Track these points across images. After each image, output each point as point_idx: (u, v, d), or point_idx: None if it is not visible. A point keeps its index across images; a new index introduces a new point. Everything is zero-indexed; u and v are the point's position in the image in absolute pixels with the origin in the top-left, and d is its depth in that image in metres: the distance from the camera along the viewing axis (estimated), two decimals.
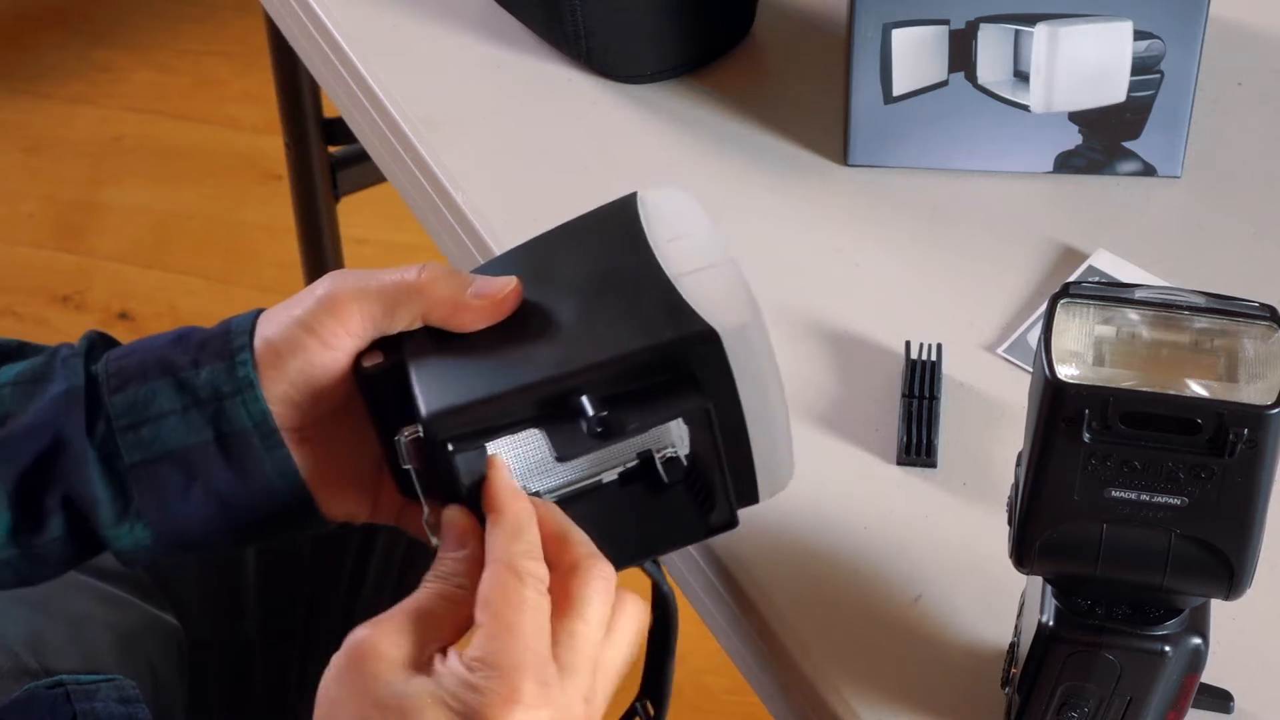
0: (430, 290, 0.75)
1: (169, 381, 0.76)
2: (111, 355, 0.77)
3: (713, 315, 0.72)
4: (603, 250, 0.77)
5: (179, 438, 0.76)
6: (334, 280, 0.76)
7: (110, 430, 0.76)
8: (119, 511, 0.77)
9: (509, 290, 0.75)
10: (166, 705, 1.01)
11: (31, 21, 2.53)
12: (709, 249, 0.76)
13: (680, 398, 0.72)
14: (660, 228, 0.76)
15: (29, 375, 0.78)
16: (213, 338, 0.77)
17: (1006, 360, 0.93)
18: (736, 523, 0.76)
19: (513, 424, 0.72)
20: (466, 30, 1.13)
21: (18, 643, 0.98)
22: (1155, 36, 0.97)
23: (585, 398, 0.72)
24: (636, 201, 0.78)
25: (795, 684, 0.82)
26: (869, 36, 0.99)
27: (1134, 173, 1.02)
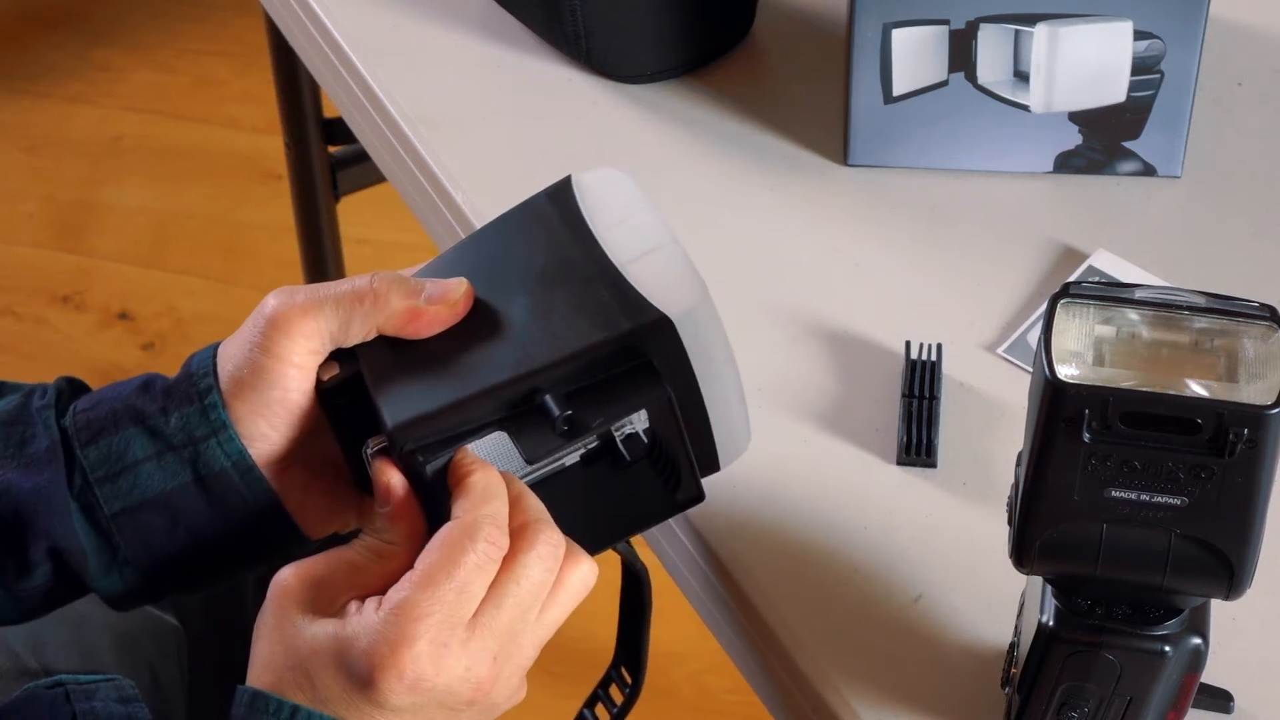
0: (384, 301, 0.75)
1: (140, 429, 0.76)
2: (78, 407, 0.77)
3: (664, 301, 0.73)
4: (547, 242, 0.77)
5: (157, 483, 0.76)
6: (281, 297, 0.76)
7: (88, 483, 0.76)
8: (106, 561, 0.78)
9: (461, 293, 0.75)
10: (166, 705, 1.01)
11: (31, 21, 2.53)
12: (651, 232, 0.76)
13: (641, 388, 0.73)
14: (601, 213, 0.77)
15: (5, 417, 0.78)
16: (177, 384, 0.77)
17: (1006, 360, 0.93)
18: (703, 496, 0.77)
19: (478, 428, 0.73)
20: (466, 30, 1.13)
21: (18, 643, 0.98)
22: (1155, 36, 0.97)
23: (548, 397, 0.72)
24: (572, 187, 0.78)
25: (795, 684, 0.82)
26: (869, 36, 0.99)
27: (1134, 173, 1.02)
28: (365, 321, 0.75)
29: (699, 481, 0.77)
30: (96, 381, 0.83)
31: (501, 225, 0.79)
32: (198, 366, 0.77)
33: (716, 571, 0.86)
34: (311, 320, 0.75)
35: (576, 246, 0.76)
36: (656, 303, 0.73)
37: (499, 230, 0.79)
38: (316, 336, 0.75)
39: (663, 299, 0.73)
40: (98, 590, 0.79)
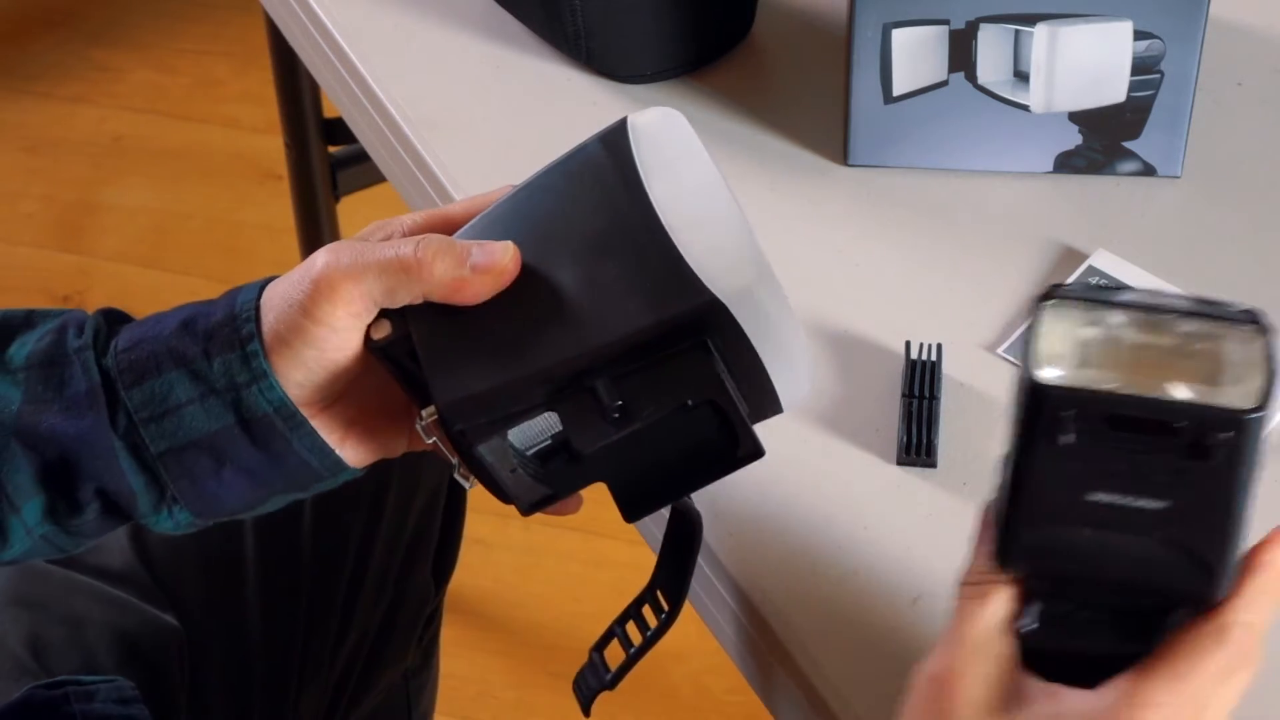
0: (429, 270, 0.73)
1: (183, 372, 0.76)
2: (119, 348, 0.77)
3: (718, 279, 0.71)
4: (599, 199, 0.75)
5: (202, 425, 0.76)
6: (329, 258, 0.75)
7: (132, 423, 0.76)
8: (155, 500, 0.77)
9: (508, 260, 0.74)
10: (166, 705, 1.01)
11: (31, 21, 2.53)
12: (708, 192, 0.74)
13: (695, 373, 0.72)
14: (656, 166, 0.74)
15: (42, 358, 0.78)
16: (219, 325, 0.76)
17: (1006, 360, 0.93)
18: (763, 451, 0.75)
19: (527, 410, 0.72)
20: (466, 30, 1.13)
21: (18, 643, 0.98)
22: (1155, 36, 0.97)
23: (599, 383, 0.71)
24: (628, 133, 0.75)
25: (795, 684, 0.82)
26: (869, 36, 0.99)
27: (1134, 173, 1.02)
28: (410, 290, 0.74)
29: (756, 438, 0.75)
30: None
31: (553, 176, 0.77)
32: (241, 308, 0.76)
33: (716, 571, 0.86)
34: (355, 285, 0.74)
35: (629, 208, 0.74)
36: (710, 280, 0.71)
37: (550, 181, 0.77)
38: (359, 301, 0.74)
39: (717, 277, 0.71)
40: (149, 526, 0.79)
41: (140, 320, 0.79)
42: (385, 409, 0.79)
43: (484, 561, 1.80)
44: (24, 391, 0.77)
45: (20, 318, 0.80)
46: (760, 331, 0.73)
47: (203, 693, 1.04)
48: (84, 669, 0.97)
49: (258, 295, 0.77)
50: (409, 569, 1.17)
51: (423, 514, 1.17)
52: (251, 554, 1.07)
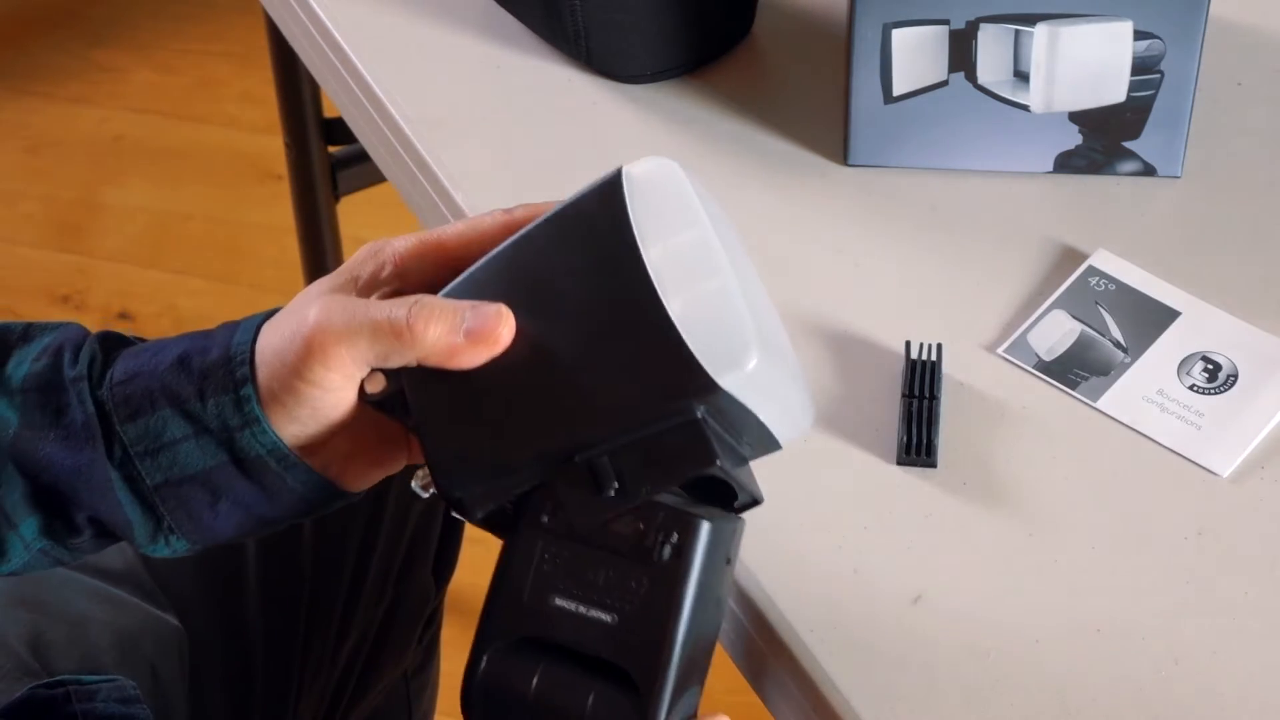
0: (421, 337, 0.72)
1: (176, 411, 0.75)
2: (115, 380, 0.76)
3: (720, 363, 0.68)
4: (592, 261, 0.72)
5: (197, 461, 0.75)
6: (321, 316, 0.73)
7: (128, 455, 0.76)
8: (152, 530, 0.77)
9: (501, 329, 0.72)
10: (166, 705, 1.01)
11: (31, 21, 2.53)
12: (707, 250, 0.71)
13: (692, 452, 0.69)
14: (651, 228, 0.71)
15: (38, 381, 0.77)
16: (213, 366, 0.75)
17: (1006, 360, 0.93)
18: (761, 500, 0.74)
19: (523, 482, 0.71)
20: (466, 30, 1.13)
21: (18, 643, 0.98)
22: (1155, 36, 0.97)
23: (597, 461, 0.69)
24: (623, 189, 0.72)
25: (795, 684, 0.82)
26: (869, 36, 0.99)
27: (1134, 173, 1.02)
28: (402, 355, 0.73)
29: (755, 490, 0.74)
30: None
31: (548, 230, 0.74)
32: (235, 350, 0.75)
33: None
34: (347, 349, 0.73)
35: (625, 278, 0.70)
36: (713, 366, 0.68)
37: (545, 237, 0.74)
38: (351, 365, 0.73)
39: (719, 361, 0.68)
40: (145, 553, 0.78)
41: (137, 350, 0.78)
42: (382, 438, 0.78)
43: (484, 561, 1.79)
44: (20, 415, 0.77)
45: (18, 332, 0.80)
46: (763, 399, 0.71)
47: (203, 693, 1.04)
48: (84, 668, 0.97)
49: (253, 338, 0.76)
50: (409, 569, 1.17)
51: (423, 514, 1.17)
52: (252, 554, 1.07)
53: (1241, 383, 0.91)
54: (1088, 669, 0.80)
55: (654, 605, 0.68)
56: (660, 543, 0.68)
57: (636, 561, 0.68)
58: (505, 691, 0.69)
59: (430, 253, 0.77)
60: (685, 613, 0.68)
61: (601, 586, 0.68)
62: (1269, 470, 0.88)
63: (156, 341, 0.78)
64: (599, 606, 0.68)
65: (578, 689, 0.68)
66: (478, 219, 0.78)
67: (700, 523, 0.69)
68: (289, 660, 1.08)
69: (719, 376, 0.68)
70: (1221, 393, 0.91)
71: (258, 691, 1.07)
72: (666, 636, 0.67)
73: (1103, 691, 0.80)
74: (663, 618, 0.67)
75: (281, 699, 1.08)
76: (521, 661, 0.69)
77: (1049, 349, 0.93)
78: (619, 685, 0.68)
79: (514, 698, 0.69)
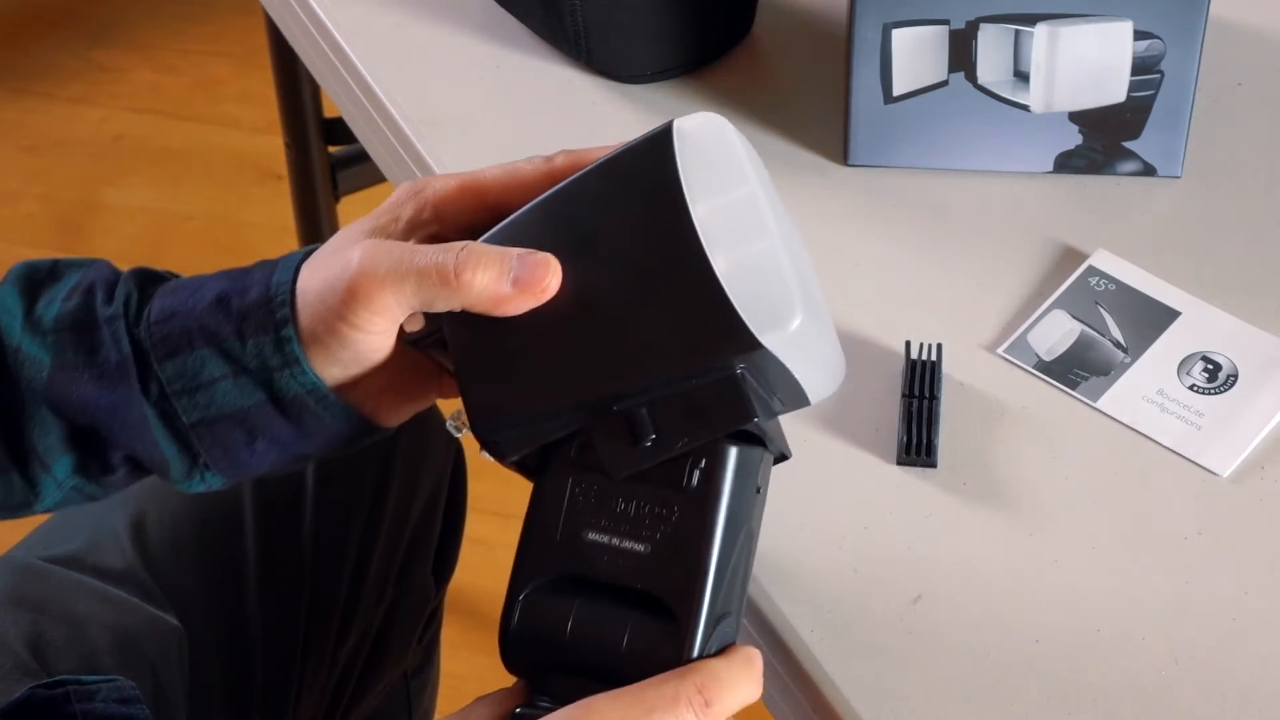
0: (469, 285, 0.72)
1: (214, 350, 0.76)
2: (153, 319, 0.77)
3: (765, 323, 0.69)
4: (639, 215, 0.72)
5: (234, 401, 0.76)
6: (366, 260, 0.73)
7: (165, 393, 0.76)
8: (188, 467, 0.78)
9: (549, 278, 0.72)
10: (166, 706, 1.01)
11: (31, 21, 2.53)
12: (755, 208, 0.71)
13: (730, 408, 0.69)
14: (700, 184, 0.71)
15: (71, 321, 0.78)
16: (253, 306, 0.76)
17: (1006, 360, 0.93)
18: (790, 454, 0.75)
19: (559, 429, 0.71)
20: (466, 30, 1.13)
21: (18, 643, 0.98)
22: (1155, 36, 0.97)
23: (635, 412, 0.69)
24: (673, 143, 0.72)
25: (795, 684, 0.82)
26: (869, 36, 0.99)
27: (1134, 173, 1.02)
28: (448, 301, 0.72)
29: (784, 444, 0.75)
30: None
31: (595, 181, 0.74)
32: (276, 290, 0.76)
33: None
34: (393, 294, 0.73)
35: (672, 232, 0.70)
36: (757, 326, 0.69)
37: (592, 188, 0.74)
38: (396, 309, 0.73)
39: (764, 321, 0.69)
40: (179, 488, 0.79)
41: (174, 286, 0.78)
42: (416, 374, 0.78)
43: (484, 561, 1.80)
44: (53, 355, 0.77)
45: (45, 269, 0.80)
46: (801, 358, 0.71)
47: (203, 693, 1.04)
48: (84, 669, 0.97)
49: (293, 278, 0.76)
50: (409, 569, 1.17)
51: (423, 514, 1.17)
52: (252, 554, 1.07)
53: (1241, 383, 0.91)
54: (1088, 669, 0.80)
55: (686, 531, 0.68)
56: (689, 469, 0.69)
57: (666, 490, 0.68)
58: (542, 634, 0.69)
59: (470, 196, 0.77)
60: (717, 536, 0.68)
61: (633, 517, 0.69)
62: (1269, 470, 0.88)
63: (193, 279, 0.79)
64: (631, 537, 0.68)
65: (614, 623, 0.68)
66: (518, 165, 0.78)
67: (728, 447, 0.69)
68: (289, 660, 1.08)
69: (762, 335, 0.69)
70: (1221, 393, 0.91)
71: (258, 691, 1.07)
72: (700, 561, 0.68)
73: (1103, 691, 0.80)
74: (695, 543, 0.68)
75: (281, 699, 1.08)
76: (556, 602, 0.69)
77: (1049, 349, 0.93)
78: (655, 616, 0.68)
79: (551, 639, 0.69)
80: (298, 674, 1.09)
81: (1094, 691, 0.80)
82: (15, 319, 0.78)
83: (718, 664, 0.69)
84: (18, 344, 0.78)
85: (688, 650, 0.68)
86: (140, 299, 0.78)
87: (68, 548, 1.04)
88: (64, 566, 1.03)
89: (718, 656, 0.69)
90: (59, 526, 1.08)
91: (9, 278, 0.80)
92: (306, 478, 1.09)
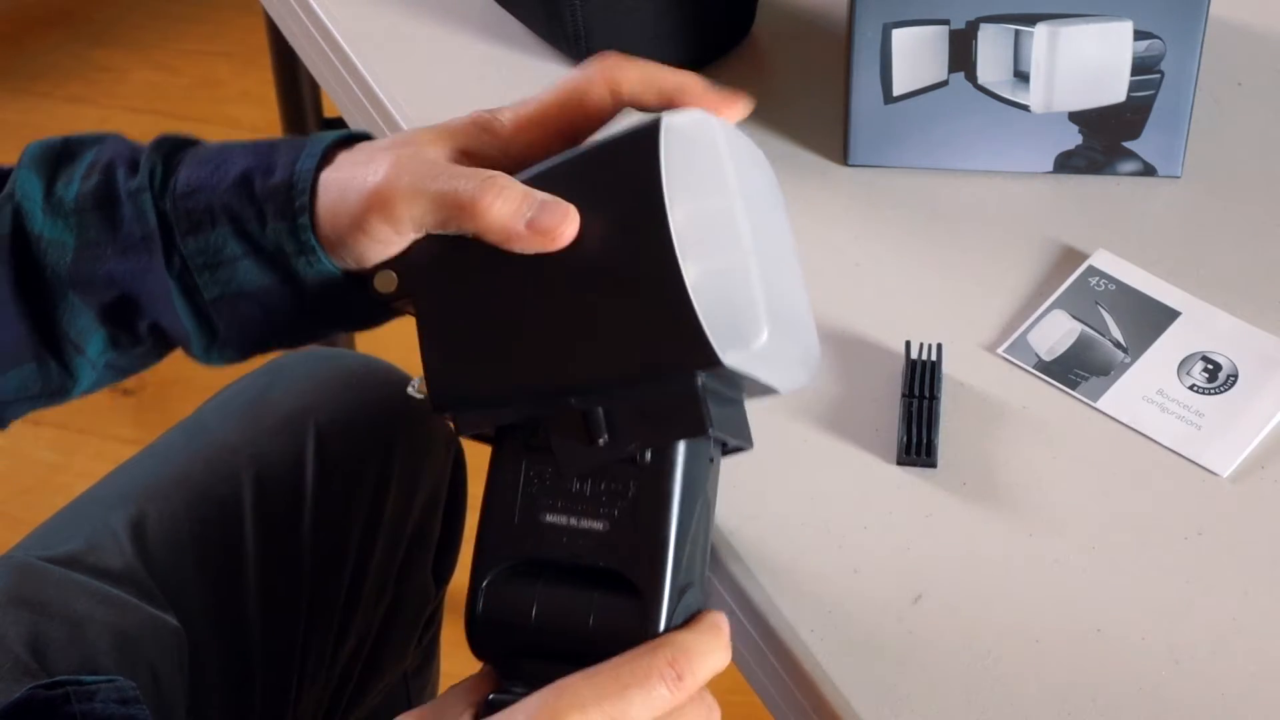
0: (485, 212, 0.72)
1: (234, 230, 0.77)
2: (177, 193, 0.78)
3: (728, 340, 0.68)
4: (616, 210, 0.71)
5: (253, 280, 0.77)
6: (391, 172, 0.74)
7: (187, 268, 0.78)
8: (207, 342, 0.80)
9: (565, 228, 0.71)
10: (166, 706, 1.01)
11: (31, 21, 2.53)
12: (735, 214, 0.70)
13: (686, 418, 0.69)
14: (683, 186, 0.70)
15: (93, 200, 0.79)
16: (274, 192, 0.76)
17: (1006, 360, 0.93)
18: (751, 446, 0.75)
19: (514, 416, 0.71)
20: (466, 30, 1.13)
21: (18, 643, 0.98)
22: (1155, 36, 0.97)
23: (591, 410, 0.69)
24: (659, 143, 0.70)
25: (795, 684, 0.82)
26: (869, 36, 0.99)
27: (1134, 173, 1.02)
28: (462, 226, 0.73)
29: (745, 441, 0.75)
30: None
31: (578, 167, 0.73)
32: (299, 177, 0.76)
33: (716, 571, 0.86)
34: (407, 209, 0.73)
35: (646, 234, 0.69)
36: (721, 343, 0.68)
37: (575, 173, 0.73)
38: (410, 224, 0.74)
39: (728, 338, 0.68)
40: (197, 361, 0.81)
41: (200, 156, 0.79)
42: None
43: None
44: (76, 236, 0.78)
45: (58, 148, 0.81)
46: (766, 368, 0.71)
47: (203, 693, 1.04)
48: (84, 669, 0.97)
49: (317, 165, 0.77)
50: (409, 569, 1.17)
51: (423, 514, 1.17)
52: (251, 554, 1.07)
53: (1241, 383, 0.91)
54: (1088, 669, 0.80)
55: (643, 505, 0.68)
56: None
57: (620, 465, 0.69)
58: (508, 620, 0.70)
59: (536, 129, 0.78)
60: (674, 508, 0.68)
61: (589, 496, 0.69)
62: (1269, 470, 0.88)
63: (219, 150, 0.79)
64: (589, 516, 0.69)
65: (579, 603, 0.69)
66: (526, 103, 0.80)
67: None
68: (289, 660, 1.08)
69: (724, 353, 0.68)
70: (1221, 393, 0.91)
71: (258, 691, 1.07)
72: (660, 533, 0.68)
73: (1103, 691, 0.80)
74: (653, 516, 0.68)
75: (281, 699, 1.08)
76: (520, 587, 0.69)
77: (1049, 349, 0.93)
78: (620, 593, 0.68)
79: (518, 624, 0.69)
80: (298, 674, 1.09)
81: (1094, 691, 0.80)
82: (36, 204, 0.79)
83: (686, 635, 0.69)
84: (39, 231, 0.79)
85: (655, 624, 0.68)
86: (165, 170, 0.79)
87: (67, 548, 1.04)
88: (63, 566, 1.03)
89: (685, 628, 0.70)
90: (59, 526, 1.08)
91: (25, 160, 0.81)
92: (306, 478, 1.09)
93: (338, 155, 0.78)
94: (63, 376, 0.82)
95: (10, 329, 0.80)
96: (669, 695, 0.68)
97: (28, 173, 0.80)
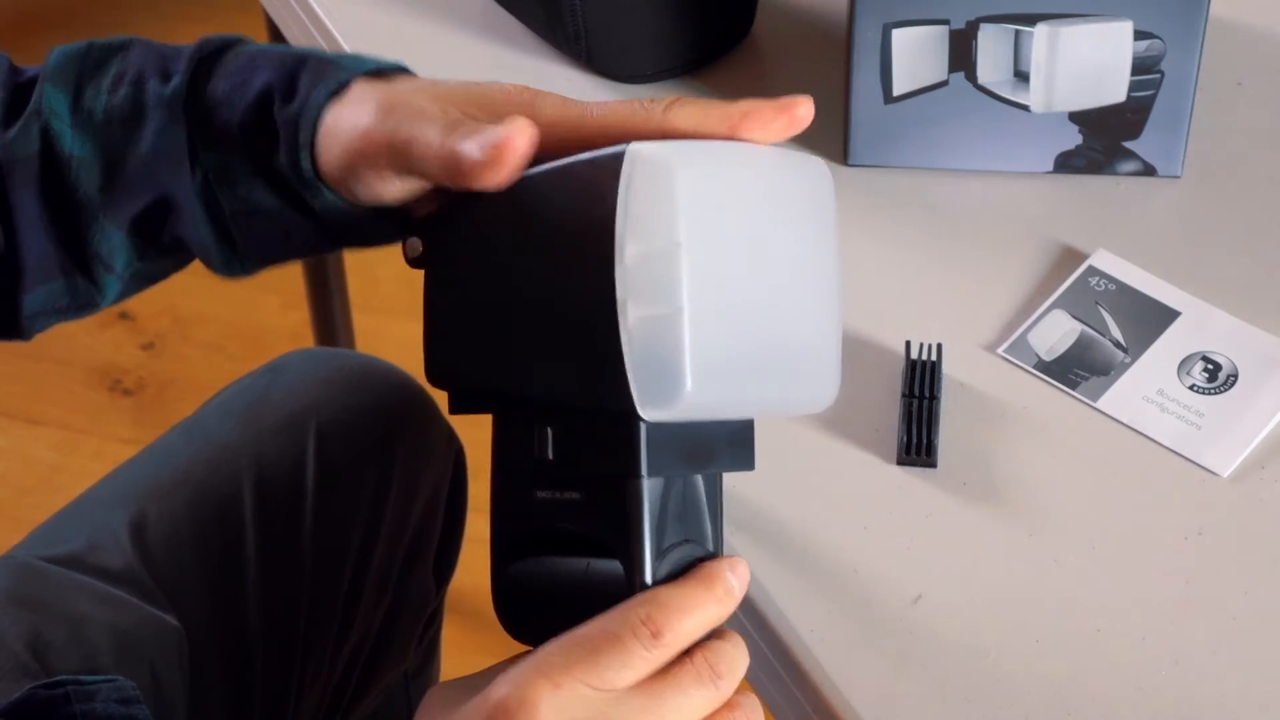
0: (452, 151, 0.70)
1: (249, 152, 0.78)
2: (204, 106, 0.79)
3: (647, 388, 0.66)
4: (571, 233, 0.68)
5: (266, 201, 0.79)
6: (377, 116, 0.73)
7: (208, 181, 0.79)
8: (227, 257, 0.81)
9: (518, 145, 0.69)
10: (166, 706, 1.01)
11: (32, 21, 2.53)
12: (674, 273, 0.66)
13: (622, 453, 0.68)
14: (635, 225, 0.66)
15: (121, 114, 0.80)
16: (285, 122, 0.77)
17: (1006, 360, 0.93)
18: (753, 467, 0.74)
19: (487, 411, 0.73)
20: (466, 30, 1.13)
21: (18, 643, 0.98)
22: (1155, 36, 0.97)
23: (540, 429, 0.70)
24: (621, 177, 0.66)
25: (795, 684, 0.82)
26: (869, 36, 0.99)
27: (1134, 173, 1.02)
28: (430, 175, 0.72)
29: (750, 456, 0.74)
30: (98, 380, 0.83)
31: (548, 182, 0.70)
32: (308, 111, 0.76)
33: None
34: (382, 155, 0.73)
35: (593, 259, 0.66)
36: (642, 400, 0.66)
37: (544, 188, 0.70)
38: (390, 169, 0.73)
39: (646, 385, 0.65)
40: (218, 274, 0.83)
41: (234, 65, 0.80)
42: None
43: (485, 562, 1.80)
44: (105, 151, 0.80)
45: (83, 53, 0.81)
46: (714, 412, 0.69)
47: (203, 693, 1.04)
48: (84, 669, 0.97)
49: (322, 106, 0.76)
50: (410, 569, 1.17)
51: (423, 514, 1.17)
52: (252, 554, 1.07)
53: (1241, 383, 0.91)
54: (1088, 669, 0.80)
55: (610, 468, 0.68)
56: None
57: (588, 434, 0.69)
58: (529, 599, 0.71)
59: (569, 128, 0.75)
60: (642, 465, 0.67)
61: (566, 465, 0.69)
62: (1269, 470, 0.88)
63: (250, 59, 0.80)
64: (568, 487, 0.69)
65: (575, 572, 0.69)
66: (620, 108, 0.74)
67: None
68: (289, 660, 1.08)
69: (643, 408, 0.66)
70: (1221, 393, 0.91)
71: (258, 691, 1.07)
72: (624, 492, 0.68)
73: (1103, 691, 0.80)
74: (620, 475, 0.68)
75: (281, 699, 1.08)
76: (532, 565, 0.71)
77: (1049, 349, 0.93)
78: (610, 557, 0.69)
79: (533, 602, 0.71)
80: (298, 674, 1.09)
81: (1094, 691, 0.80)
82: (64, 122, 0.80)
83: (664, 590, 0.66)
84: (69, 152, 0.80)
85: (633, 585, 0.67)
86: (195, 80, 0.80)
87: (67, 548, 1.04)
88: (64, 566, 1.03)
89: (669, 583, 0.67)
90: (59, 526, 1.08)
91: (49, 71, 0.81)
92: (307, 478, 1.09)
93: (352, 88, 0.76)
94: (90, 291, 0.84)
95: (39, 247, 0.82)
96: (647, 654, 0.65)
97: (53, 86, 0.81)
